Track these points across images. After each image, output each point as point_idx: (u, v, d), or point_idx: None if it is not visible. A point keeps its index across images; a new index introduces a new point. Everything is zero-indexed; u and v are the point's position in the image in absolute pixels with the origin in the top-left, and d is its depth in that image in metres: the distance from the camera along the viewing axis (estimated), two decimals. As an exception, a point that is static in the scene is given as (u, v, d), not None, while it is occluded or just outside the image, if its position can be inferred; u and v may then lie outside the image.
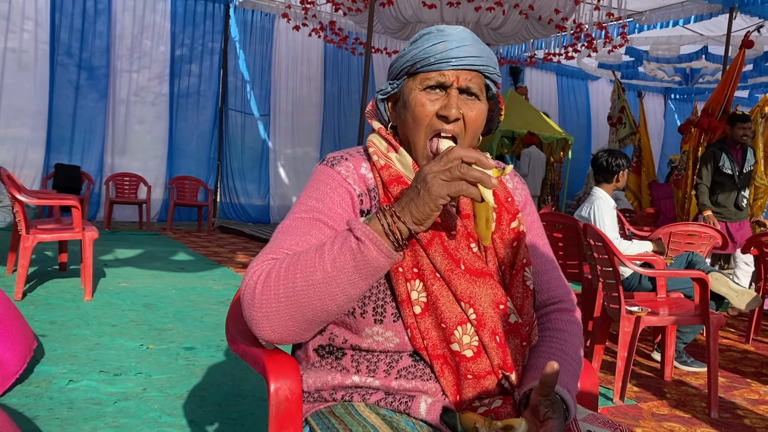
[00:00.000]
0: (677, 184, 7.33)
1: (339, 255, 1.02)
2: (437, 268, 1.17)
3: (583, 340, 1.34)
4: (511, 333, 1.20)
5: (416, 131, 1.22)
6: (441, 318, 1.15)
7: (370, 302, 1.18)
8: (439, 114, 1.19)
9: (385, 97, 1.32)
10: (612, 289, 3.32)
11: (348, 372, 1.21)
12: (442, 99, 1.20)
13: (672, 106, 16.03)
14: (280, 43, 11.39)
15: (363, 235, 1.01)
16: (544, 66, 13.09)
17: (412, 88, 1.22)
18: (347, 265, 1.02)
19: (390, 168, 1.23)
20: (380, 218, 1.03)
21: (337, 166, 1.24)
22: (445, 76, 1.19)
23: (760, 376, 3.88)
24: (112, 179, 9.43)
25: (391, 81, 1.29)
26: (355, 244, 1.02)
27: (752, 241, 4.86)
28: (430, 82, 1.20)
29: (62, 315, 4.01)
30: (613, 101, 9.67)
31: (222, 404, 2.74)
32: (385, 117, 1.32)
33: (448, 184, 0.99)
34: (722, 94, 6.96)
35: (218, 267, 6.43)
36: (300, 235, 1.15)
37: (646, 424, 2.90)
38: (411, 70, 1.23)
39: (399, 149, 1.25)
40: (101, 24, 9.82)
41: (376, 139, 1.29)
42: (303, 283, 1.03)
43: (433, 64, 1.19)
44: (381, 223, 1.03)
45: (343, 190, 1.21)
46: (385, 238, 1.02)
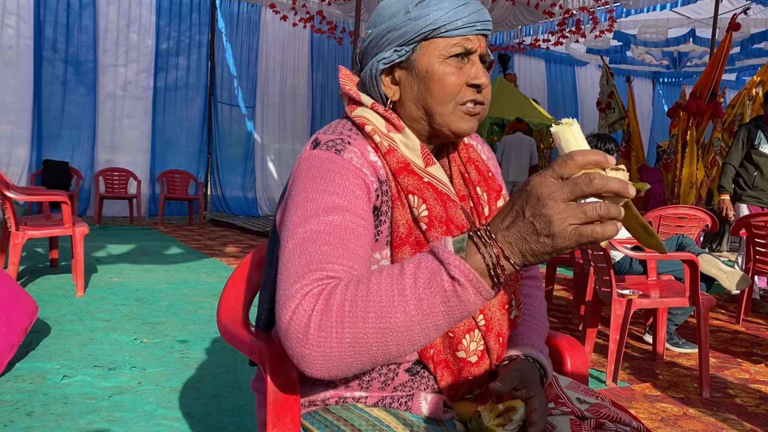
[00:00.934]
0: (667, 168, 7.37)
1: (426, 295, 0.80)
2: None
3: (545, 303, 1.32)
4: (510, 328, 1.19)
5: (443, 104, 1.08)
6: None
7: None
8: (470, 83, 1.09)
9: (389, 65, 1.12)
10: (603, 272, 3.34)
11: (337, 388, 1.12)
12: (467, 67, 1.09)
13: (660, 90, 16.09)
14: (267, 34, 11.35)
15: (461, 275, 0.79)
16: (533, 52, 13.10)
17: (432, 55, 1.08)
18: (437, 308, 0.81)
19: (395, 152, 1.09)
20: (482, 251, 0.80)
21: (345, 153, 1.04)
22: (471, 42, 1.08)
23: (751, 355, 3.92)
24: (102, 174, 9.38)
25: (398, 47, 1.10)
26: (450, 284, 0.80)
27: (741, 223, 4.89)
28: (457, 49, 1.07)
29: (55, 311, 4.00)
30: (601, 86, 9.70)
31: (217, 396, 2.75)
32: (377, 90, 1.14)
33: (578, 233, 0.76)
34: (710, 77, 7.00)
35: (210, 260, 6.42)
36: (340, 243, 0.93)
37: (639, 405, 2.93)
38: (430, 35, 1.07)
39: (403, 129, 1.11)
40: (86, 18, 9.74)
41: (370, 115, 1.11)
42: (377, 325, 0.82)
43: (459, 28, 1.06)
44: (484, 261, 0.80)
45: (361, 182, 1.02)
46: (486, 278, 0.81)
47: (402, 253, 1.05)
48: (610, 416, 1.09)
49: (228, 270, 5.92)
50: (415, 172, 1.09)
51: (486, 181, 1.21)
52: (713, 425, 2.73)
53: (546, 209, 0.76)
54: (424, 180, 1.09)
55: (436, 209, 1.07)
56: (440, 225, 1.07)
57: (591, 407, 1.11)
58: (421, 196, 1.07)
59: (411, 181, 1.07)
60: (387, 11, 1.11)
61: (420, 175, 1.09)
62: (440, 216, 1.07)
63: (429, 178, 1.10)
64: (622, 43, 12.07)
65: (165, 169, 10.31)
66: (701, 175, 7.26)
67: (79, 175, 9.22)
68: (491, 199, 1.19)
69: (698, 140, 7.22)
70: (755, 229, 4.73)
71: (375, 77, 1.13)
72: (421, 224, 1.06)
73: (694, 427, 2.69)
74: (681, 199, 7.10)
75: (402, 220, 1.06)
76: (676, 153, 7.19)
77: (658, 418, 2.78)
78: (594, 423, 1.08)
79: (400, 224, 1.06)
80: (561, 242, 0.76)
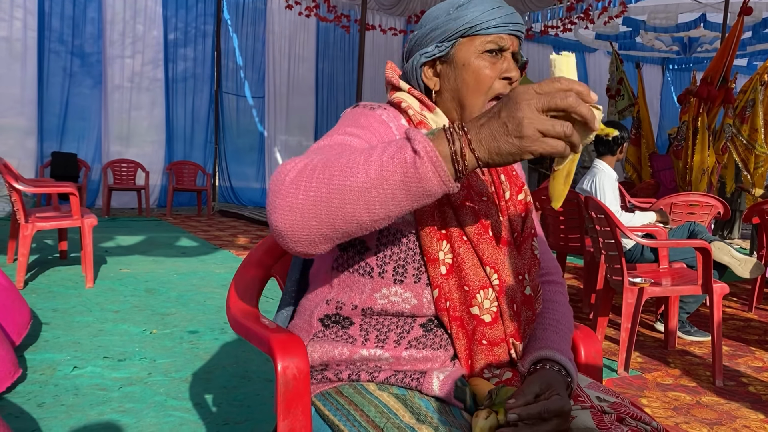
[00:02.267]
0: (677, 155, 7.29)
1: (389, 163, 0.87)
2: (466, 231, 1.16)
3: (571, 309, 1.36)
4: (525, 304, 1.22)
5: (476, 94, 1.20)
6: (465, 281, 1.15)
7: (391, 261, 1.16)
8: (503, 76, 1.20)
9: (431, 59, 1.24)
10: (614, 261, 3.31)
11: (355, 342, 1.18)
12: (499, 62, 1.20)
13: (669, 77, 15.94)
14: (273, 23, 11.29)
15: (423, 150, 0.85)
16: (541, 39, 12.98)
17: (469, 49, 1.20)
18: (395, 177, 0.86)
19: (426, 125, 1.19)
20: (449, 139, 0.87)
21: (378, 110, 1.19)
22: (504, 40, 1.20)
23: (764, 343, 3.89)
24: (110, 166, 9.40)
25: (439, 44, 1.22)
26: (411, 157, 0.86)
27: (753, 210, 4.84)
28: (491, 46, 1.19)
29: (64, 303, 4.01)
30: (611, 73, 9.61)
31: (227, 386, 2.74)
32: (420, 82, 1.26)
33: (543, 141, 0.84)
34: (721, 62, 6.91)
35: (219, 251, 6.43)
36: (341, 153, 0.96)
37: (651, 394, 2.91)
38: (468, 33, 1.20)
39: (435, 109, 1.23)
40: (92, 10, 9.72)
41: (407, 96, 1.25)
42: (339, 182, 0.88)
43: (494, 27, 1.19)
44: (449, 147, 0.86)
45: (385, 128, 1.16)
46: (448, 163, 0.87)
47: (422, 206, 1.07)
48: (630, 414, 1.10)
49: (237, 261, 5.92)
50: None
51: (509, 174, 1.30)
52: (726, 414, 2.70)
53: (520, 112, 0.84)
54: None
55: None
56: (462, 189, 1.16)
57: (611, 405, 1.12)
58: None
59: None
60: (431, 15, 1.25)
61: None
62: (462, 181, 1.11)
63: None
64: (631, 29, 11.93)
65: (173, 160, 10.32)
66: (712, 161, 7.18)
67: (87, 166, 9.24)
68: (513, 190, 1.28)
69: (709, 126, 7.14)
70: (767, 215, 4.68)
71: (416, 69, 1.25)
72: None
73: (707, 416, 2.67)
74: (693, 186, 7.03)
75: None
76: (687, 140, 7.12)
77: (671, 407, 2.76)
78: (615, 417, 1.07)
79: None
80: (527, 145, 0.84)
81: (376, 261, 1.17)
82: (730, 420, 2.64)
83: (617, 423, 1.05)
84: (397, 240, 1.16)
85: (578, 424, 1.06)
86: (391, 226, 1.16)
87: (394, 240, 1.16)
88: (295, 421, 1.06)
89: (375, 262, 1.17)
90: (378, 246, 1.17)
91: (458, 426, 1.05)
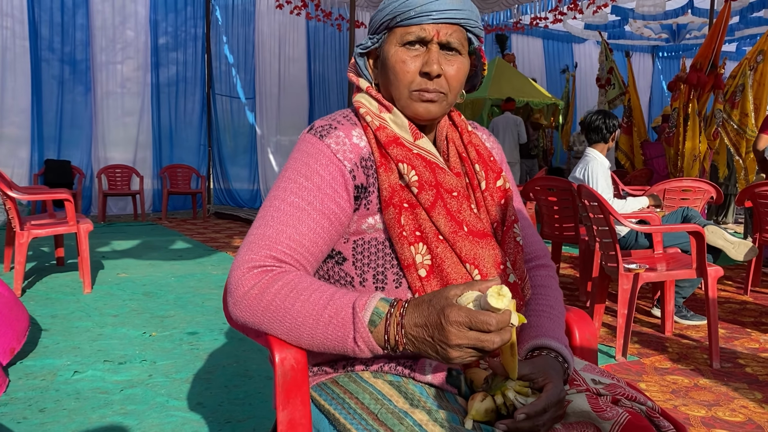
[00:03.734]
0: (669, 142, 7.32)
1: (332, 341, 1.03)
2: (441, 231, 1.16)
3: (561, 292, 1.36)
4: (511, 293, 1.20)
5: (398, 89, 1.18)
6: (447, 279, 1.14)
7: (370, 269, 1.17)
8: (421, 71, 1.15)
9: (365, 52, 1.26)
10: (609, 248, 3.33)
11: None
12: (422, 55, 1.16)
13: (659, 64, 15.97)
14: (262, 24, 11.27)
15: (363, 344, 1.00)
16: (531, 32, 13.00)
17: (392, 43, 1.18)
18: (337, 351, 1.04)
19: (386, 129, 1.19)
20: (388, 331, 0.99)
21: (327, 138, 1.17)
22: (425, 31, 1.14)
23: (760, 325, 3.92)
24: (104, 172, 9.38)
25: (371, 36, 1.23)
26: (351, 345, 1.01)
27: (746, 193, 4.87)
28: (410, 37, 1.15)
29: (63, 308, 4.01)
30: (601, 63, 9.63)
31: (228, 385, 2.76)
32: (366, 74, 1.27)
33: (464, 360, 0.96)
34: (710, 48, 6.93)
35: (216, 252, 6.43)
36: (293, 225, 1.11)
37: (649, 378, 2.93)
38: (390, 24, 1.17)
39: (392, 109, 1.21)
40: (81, 16, 9.70)
41: (365, 99, 1.23)
42: (287, 331, 1.06)
43: (413, 18, 1.14)
44: (385, 342, 1.00)
45: (333, 167, 1.15)
46: (385, 350, 1.01)
47: (387, 214, 1.15)
48: (625, 395, 1.10)
49: (234, 262, 5.92)
50: (404, 145, 1.19)
51: (485, 162, 1.28)
52: (724, 395, 2.73)
53: (449, 345, 0.94)
54: (413, 151, 1.19)
55: (425, 175, 1.17)
56: (430, 188, 1.17)
57: (606, 386, 1.13)
58: (410, 164, 1.17)
59: (400, 152, 1.17)
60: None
61: (409, 147, 1.19)
62: (430, 180, 1.17)
63: (418, 150, 1.20)
64: (620, 17, 11.96)
65: (167, 164, 10.31)
66: (704, 147, 7.21)
67: (81, 173, 9.22)
68: (489, 178, 1.27)
69: (700, 113, 7.16)
70: (761, 198, 4.70)
71: (356, 61, 1.27)
72: (413, 188, 1.16)
73: (706, 398, 2.69)
74: (685, 172, 7.05)
75: (385, 184, 1.16)
76: (678, 126, 7.14)
77: (669, 390, 2.78)
78: (610, 399, 1.08)
79: (384, 188, 1.16)
80: (451, 364, 1.03)
81: (356, 270, 1.18)
82: (728, 401, 2.66)
83: (612, 405, 1.06)
84: (372, 247, 1.18)
85: (574, 408, 1.07)
86: (364, 236, 1.18)
87: (369, 248, 1.18)
88: (295, 410, 1.07)
89: (354, 272, 1.19)
90: (355, 255, 1.19)
91: (452, 410, 1.06)
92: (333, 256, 1.21)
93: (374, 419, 1.04)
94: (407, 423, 1.01)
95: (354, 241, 1.19)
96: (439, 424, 1.00)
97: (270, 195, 1.18)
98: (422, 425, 1.00)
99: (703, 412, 2.54)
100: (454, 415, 1.04)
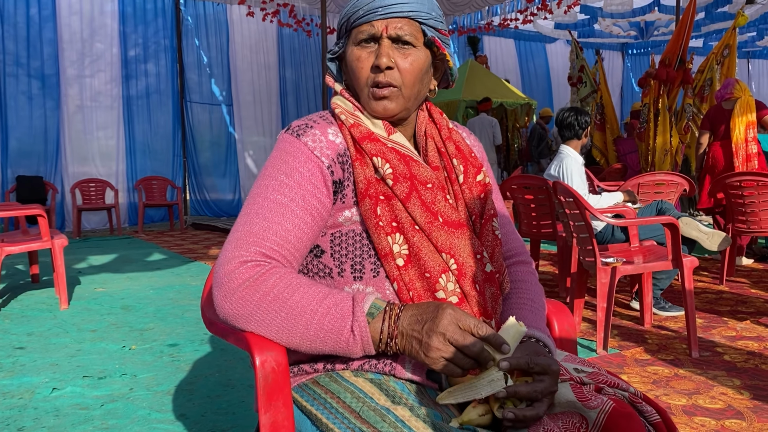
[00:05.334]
0: (641, 137, 7.42)
1: (327, 332, 1.05)
2: (416, 222, 1.18)
3: (542, 287, 1.38)
4: (487, 282, 1.22)
5: (358, 87, 1.23)
6: (425, 268, 1.16)
7: (348, 260, 1.19)
8: (372, 65, 1.19)
9: (334, 57, 1.31)
10: (586, 242, 3.36)
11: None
12: (375, 51, 1.20)
13: (629, 62, 16.20)
14: (234, 33, 11.23)
15: (359, 334, 1.04)
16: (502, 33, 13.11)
17: (350, 44, 1.23)
18: (328, 342, 1.06)
19: (360, 126, 1.22)
20: (383, 329, 1.05)
21: (303, 137, 1.20)
22: (374, 27, 1.19)
23: (736, 313, 3.98)
24: (78, 187, 9.26)
25: (337, 41, 1.28)
26: (347, 334, 1.04)
27: (718, 185, 4.95)
28: (362, 36, 1.20)
29: (39, 326, 3.95)
30: (572, 61, 9.73)
31: (211, 395, 2.73)
32: (338, 77, 1.32)
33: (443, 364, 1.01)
34: (677, 44, 7.05)
35: (194, 263, 6.38)
36: (278, 222, 1.13)
37: (630, 370, 2.96)
38: (348, 27, 1.23)
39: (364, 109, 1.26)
40: (48, 30, 9.58)
41: (341, 100, 1.27)
42: (281, 324, 1.07)
43: (362, 17, 1.19)
44: (380, 334, 1.05)
45: (312, 164, 1.18)
46: (375, 344, 1.05)
47: (364, 205, 1.18)
48: (608, 382, 1.12)
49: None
50: (378, 139, 1.22)
51: (465, 157, 1.31)
52: (704, 383, 2.76)
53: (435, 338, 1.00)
54: (387, 145, 1.22)
55: (399, 167, 1.20)
56: (405, 180, 1.19)
57: (589, 375, 1.14)
58: (384, 157, 1.20)
59: (374, 146, 1.20)
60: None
61: (383, 141, 1.23)
62: (404, 173, 1.20)
63: (392, 144, 1.23)
64: (589, 16, 12.12)
65: (142, 176, 10.21)
66: (675, 141, 7.32)
67: (54, 189, 9.09)
68: (469, 172, 1.29)
69: (670, 108, 7.28)
70: (731, 189, 4.79)
71: (329, 67, 1.31)
72: (388, 181, 1.19)
73: (686, 387, 2.73)
74: (656, 166, 7.16)
75: (361, 177, 1.19)
76: (649, 122, 7.24)
77: (650, 380, 2.81)
78: (593, 387, 1.10)
79: (359, 181, 1.19)
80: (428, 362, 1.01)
81: (333, 261, 1.20)
82: (707, 389, 2.70)
83: (596, 393, 1.07)
84: (350, 239, 1.19)
85: (559, 398, 1.08)
86: (341, 229, 1.20)
87: (347, 239, 1.20)
88: (277, 413, 1.07)
89: (332, 263, 1.20)
90: (333, 247, 1.20)
91: (434, 406, 1.06)
92: (311, 249, 1.23)
93: (356, 417, 1.04)
94: (389, 419, 1.01)
95: (332, 233, 1.21)
96: (422, 420, 1.01)
97: (252, 193, 1.19)
98: (405, 421, 1.01)
99: (684, 400, 2.57)
100: (435, 411, 1.04)
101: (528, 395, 1.01)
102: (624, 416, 1.02)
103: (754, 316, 3.91)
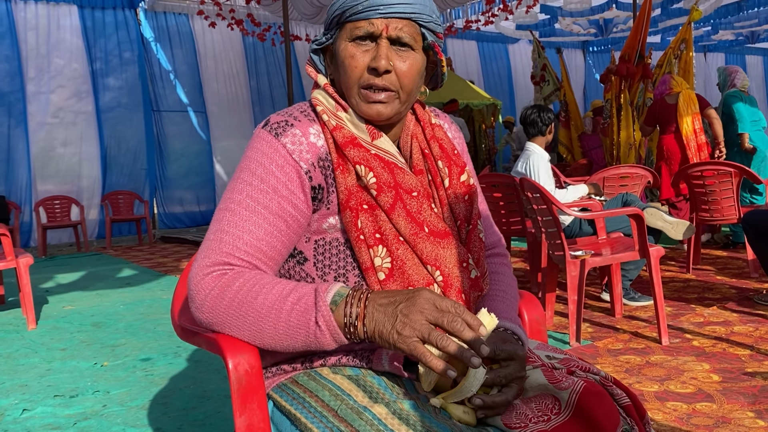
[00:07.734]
0: (604, 133, 7.55)
1: (295, 328, 1.03)
2: (401, 233, 1.14)
3: (515, 279, 1.38)
4: (472, 288, 1.21)
5: (348, 85, 1.16)
6: (409, 281, 1.13)
7: (331, 271, 1.17)
8: (369, 66, 1.13)
9: (320, 48, 1.23)
10: (555, 237, 3.41)
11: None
12: (372, 50, 1.13)
13: (590, 59, 16.45)
14: (199, 44, 11.13)
15: (324, 324, 1.01)
16: (464, 35, 13.21)
17: (343, 38, 1.15)
18: (298, 339, 1.04)
19: (342, 129, 1.16)
20: (347, 313, 1.01)
21: (283, 137, 1.13)
22: (373, 25, 1.12)
23: (703, 300, 4.07)
24: (42, 204, 9.07)
25: (325, 32, 1.21)
26: (313, 327, 1.02)
27: (680, 176, 5.05)
28: (359, 32, 1.13)
29: (6, 347, 3.86)
30: (534, 60, 9.86)
31: (186, 408, 2.70)
32: (322, 69, 1.25)
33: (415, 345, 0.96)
34: (636, 39, 7.19)
35: (164, 276, 6.30)
36: (249, 230, 1.10)
37: (603, 360, 3.00)
38: (341, 19, 1.15)
39: (348, 109, 1.19)
40: (6, 47, 9.39)
41: (323, 96, 1.20)
42: (250, 327, 1.06)
43: (361, 12, 1.12)
44: (345, 320, 1.01)
45: (289, 168, 1.12)
46: (343, 330, 1.02)
47: (344, 216, 1.14)
48: (579, 366, 1.14)
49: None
50: (362, 145, 1.16)
51: (449, 157, 1.26)
52: (675, 369, 2.82)
53: (412, 316, 0.97)
54: (371, 152, 1.17)
55: (383, 176, 1.15)
56: (389, 190, 1.15)
57: (560, 361, 1.16)
58: (368, 166, 1.15)
59: (357, 153, 1.15)
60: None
61: (367, 148, 1.17)
62: (389, 182, 1.16)
63: (376, 150, 1.18)
64: (549, 16, 12.30)
65: (110, 191, 10.04)
66: (639, 135, 7.46)
67: (17, 207, 8.88)
68: (453, 174, 1.25)
69: (632, 102, 7.41)
70: (693, 179, 4.89)
71: (312, 57, 1.24)
72: (372, 191, 1.14)
73: (658, 374, 2.78)
74: (622, 160, 7.28)
75: (342, 187, 1.14)
76: (612, 117, 7.37)
77: (623, 369, 2.86)
78: (565, 371, 1.11)
79: (340, 191, 1.14)
80: (400, 342, 0.96)
81: (317, 272, 1.18)
82: (678, 374, 2.75)
83: (568, 376, 1.09)
84: (333, 248, 1.17)
85: (531, 382, 1.10)
86: (325, 236, 1.17)
87: (330, 249, 1.17)
88: (252, 416, 1.06)
89: (315, 273, 1.18)
90: (316, 256, 1.18)
91: (412, 398, 1.07)
92: (294, 255, 1.20)
93: (335, 416, 1.04)
94: (366, 417, 1.02)
95: (315, 240, 1.18)
96: (398, 416, 1.01)
97: (225, 197, 1.16)
98: (381, 419, 1.01)
99: (656, 387, 2.62)
100: (413, 403, 1.05)
101: (494, 381, 1.03)
102: (595, 394, 1.03)
103: (720, 302, 4.00)
